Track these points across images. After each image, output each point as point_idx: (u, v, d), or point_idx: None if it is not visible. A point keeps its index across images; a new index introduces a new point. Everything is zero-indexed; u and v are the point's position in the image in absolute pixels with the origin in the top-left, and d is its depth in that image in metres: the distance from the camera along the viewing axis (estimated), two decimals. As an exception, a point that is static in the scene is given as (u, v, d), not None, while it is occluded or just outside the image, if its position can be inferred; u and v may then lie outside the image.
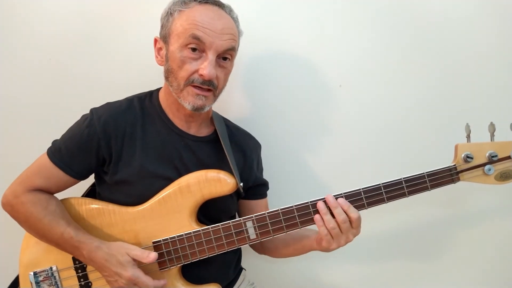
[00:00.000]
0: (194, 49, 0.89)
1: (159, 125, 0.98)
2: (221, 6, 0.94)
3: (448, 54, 1.20)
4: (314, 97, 1.25)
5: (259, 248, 1.13)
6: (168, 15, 0.92)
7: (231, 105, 1.24)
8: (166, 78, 0.95)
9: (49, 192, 0.95)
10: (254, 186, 1.08)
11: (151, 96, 1.02)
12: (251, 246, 1.14)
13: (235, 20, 0.96)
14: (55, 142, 0.96)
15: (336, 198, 0.87)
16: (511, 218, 1.27)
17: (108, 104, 0.98)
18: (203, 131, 1.03)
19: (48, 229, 0.89)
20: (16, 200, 0.92)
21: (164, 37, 0.93)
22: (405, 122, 1.24)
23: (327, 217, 0.86)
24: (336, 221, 0.85)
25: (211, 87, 0.91)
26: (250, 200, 1.09)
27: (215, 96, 0.95)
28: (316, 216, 0.87)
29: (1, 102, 1.27)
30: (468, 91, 1.20)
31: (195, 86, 0.90)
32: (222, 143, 0.99)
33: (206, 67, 0.88)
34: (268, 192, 1.13)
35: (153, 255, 0.87)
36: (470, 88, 1.20)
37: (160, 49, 0.96)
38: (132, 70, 1.23)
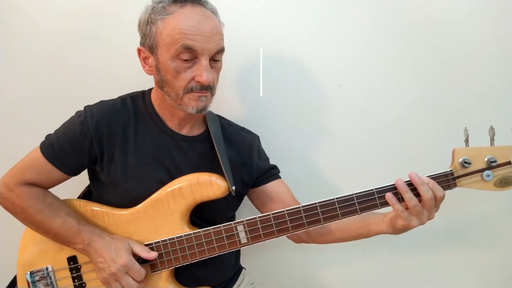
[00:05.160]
0: (186, 59, 0.86)
1: (151, 126, 0.98)
2: (201, 3, 0.89)
3: (447, 55, 1.17)
4: (314, 97, 1.23)
5: (303, 238, 1.04)
6: (149, 23, 0.88)
7: (231, 106, 1.23)
8: (161, 88, 0.92)
9: (41, 186, 0.94)
10: (262, 174, 1.06)
11: (143, 96, 1.01)
12: (288, 237, 1.04)
13: (216, 14, 0.91)
14: (48, 137, 0.96)
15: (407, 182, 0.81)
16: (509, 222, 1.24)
17: (102, 102, 0.98)
18: (196, 131, 1.02)
19: (47, 219, 0.90)
20: (10, 193, 0.92)
21: (150, 47, 0.90)
22: (402, 124, 1.21)
23: (408, 194, 0.80)
24: (421, 199, 0.81)
25: (208, 90, 0.91)
26: (263, 185, 1.06)
27: (212, 95, 0.94)
28: (388, 194, 0.81)
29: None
30: (468, 93, 1.17)
31: (195, 92, 0.89)
32: (214, 141, 0.98)
33: (202, 74, 0.86)
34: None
35: (153, 254, 0.89)
36: (469, 90, 1.16)
37: (146, 58, 0.93)
38: (132, 68, 1.23)
